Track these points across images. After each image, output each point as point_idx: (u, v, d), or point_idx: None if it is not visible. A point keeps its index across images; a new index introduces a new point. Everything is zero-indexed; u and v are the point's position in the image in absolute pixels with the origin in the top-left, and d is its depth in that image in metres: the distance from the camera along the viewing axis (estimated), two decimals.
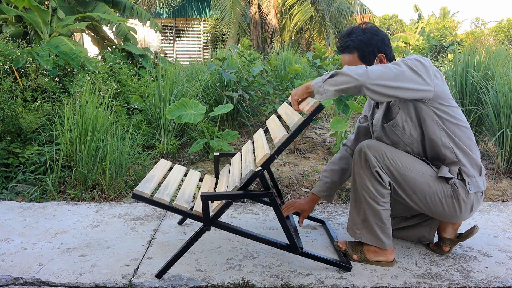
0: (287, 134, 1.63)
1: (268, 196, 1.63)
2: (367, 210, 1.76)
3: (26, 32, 6.84)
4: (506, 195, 2.80)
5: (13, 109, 3.11)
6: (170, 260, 1.70)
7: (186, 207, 1.69)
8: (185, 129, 3.89)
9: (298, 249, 1.71)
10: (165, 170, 1.98)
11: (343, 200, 2.78)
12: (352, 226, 1.84)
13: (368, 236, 1.80)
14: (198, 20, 16.95)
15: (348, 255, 1.86)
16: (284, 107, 2.00)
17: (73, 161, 2.81)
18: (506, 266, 1.83)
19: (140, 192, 1.63)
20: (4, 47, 3.79)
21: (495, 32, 23.81)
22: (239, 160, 2.03)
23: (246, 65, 4.09)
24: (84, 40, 12.73)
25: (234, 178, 1.79)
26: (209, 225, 1.66)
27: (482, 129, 3.43)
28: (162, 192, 1.73)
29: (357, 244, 1.88)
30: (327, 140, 3.99)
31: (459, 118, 1.71)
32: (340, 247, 1.89)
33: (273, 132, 1.83)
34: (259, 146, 1.82)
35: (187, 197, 1.80)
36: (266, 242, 1.71)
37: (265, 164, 1.64)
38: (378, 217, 1.75)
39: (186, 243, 1.70)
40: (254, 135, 2.09)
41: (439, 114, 1.66)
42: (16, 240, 2.04)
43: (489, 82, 3.36)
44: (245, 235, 1.70)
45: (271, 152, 1.63)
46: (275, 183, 2.27)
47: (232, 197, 1.64)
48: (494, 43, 12.45)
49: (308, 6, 13.51)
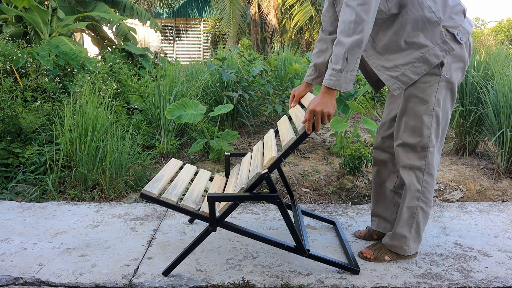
0: (295, 137, 1.61)
1: (274, 199, 1.63)
2: (420, 219, 1.78)
3: (26, 32, 6.84)
4: (506, 195, 2.80)
5: (13, 109, 3.11)
6: (176, 259, 1.72)
7: (193, 208, 1.70)
8: (185, 129, 3.89)
9: (305, 252, 1.71)
10: (175, 170, 1.98)
11: (343, 200, 2.78)
12: (400, 244, 1.83)
13: (415, 245, 1.83)
14: (198, 20, 16.94)
15: (380, 260, 1.85)
16: (295, 109, 2.01)
17: (73, 161, 2.81)
18: (506, 266, 1.83)
19: (148, 192, 1.64)
20: (4, 47, 3.79)
21: (495, 32, 23.83)
22: (249, 160, 2.03)
23: (246, 65, 4.09)
24: (84, 40, 12.73)
25: (241, 179, 1.80)
26: (215, 226, 1.67)
27: (482, 129, 3.44)
28: (170, 192, 1.74)
29: (381, 245, 1.89)
30: (327, 140, 3.99)
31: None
32: (369, 257, 1.87)
33: (282, 134, 1.83)
34: (268, 148, 1.83)
35: (195, 197, 1.81)
36: (272, 244, 1.70)
37: (272, 167, 1.64)
38: (426, 219, 1.80)
39: (193, 243, 1.71)
40: (265, 135, 2.09)
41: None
42: (16, 240, 2.04)
43: (489, 82, 3.36)
44: (252, 236, 1.70)
45: (279, 155, 1.64)
46: (285, 182, 2.24)
47: (238, 199, 1.64)
48: (494, 43, 12.45)
49: (308, 6, 13.51)
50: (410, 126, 1.70)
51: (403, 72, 1.64)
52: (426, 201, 1.75)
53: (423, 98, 1.65)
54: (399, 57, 1.64)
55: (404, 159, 1.74)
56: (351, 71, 1.50)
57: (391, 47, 1.65)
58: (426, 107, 1.65)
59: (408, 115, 1.70)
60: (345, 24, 1.48)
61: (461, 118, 3.48)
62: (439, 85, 1.63)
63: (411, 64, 1.62)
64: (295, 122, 1.81)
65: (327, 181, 2.96)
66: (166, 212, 2.44)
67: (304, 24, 14.01)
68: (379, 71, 1.71)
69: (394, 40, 1.64)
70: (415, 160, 1.72)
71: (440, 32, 1.59)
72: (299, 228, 1.84)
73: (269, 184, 1.66)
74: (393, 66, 1.66)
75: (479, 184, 2.91)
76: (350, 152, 2.95)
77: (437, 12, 1.58)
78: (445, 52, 1.60)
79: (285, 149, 1.62)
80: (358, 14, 1.45)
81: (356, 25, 1.46)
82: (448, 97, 1.68)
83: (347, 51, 1.47)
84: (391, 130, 1.88)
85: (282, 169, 2.29)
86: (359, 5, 1.45)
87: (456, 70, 1.65)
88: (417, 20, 1.59)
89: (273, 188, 1.66)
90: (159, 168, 3.23)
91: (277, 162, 1.63)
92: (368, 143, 3.84)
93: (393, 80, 1.67)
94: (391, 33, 1.63)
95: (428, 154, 1.70)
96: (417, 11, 1.58)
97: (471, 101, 3.41)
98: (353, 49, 1.47)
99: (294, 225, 1.69)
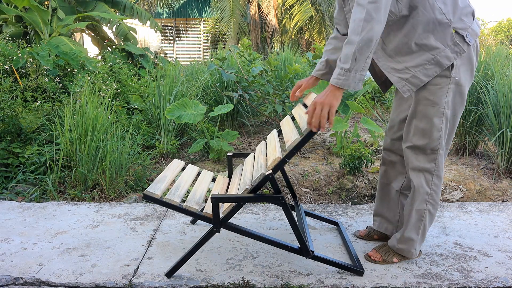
0: (299, 138, 1.61)
1: (278, 200, 1.62)
2: (427, 221, 1.78)
3: (26, 32, 6.85)
4: (506, 195, 2.80)
5: (13, 109, 3.11)
6: (180, 260, 1.71)
7: (197, 209, 1.69)
8: (185, 129, 3.89)
9: (309, 253, 1.69)
10: (177, 171, 1.98)
11: (343, 200, 2.78)
12: (408, 248, 1.82)
13: (419, 247, 1.84)
14: (198, 20, 16.94)
15: (388, 262, 1.85)
16: (298, 108, 1.99)
17: (73, 161, 2.81)
18: (506, 266, 1.83)
19: (151, 193, 1.64)
20: (4, 47, 3.79)
21: (495, 32, 23.84)
22: (252, 161, 2.02)
23: (246, 65, 4.09)
24: (84, 40, 12.73)
25: (245, 180, 1.79)
26: (218, 227, 1.66)
27: (482, 129, 3.44)
28: (173, 193, 1.73)
29: (388, 248, 1.89)
30: (327, 140, 3.99)
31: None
32: (377, 260, 1.86)
33: (286, 134, 1.82)
34: (272, 148, 1.82)
35: (198, 198, 1.80)
36: (277, 245, 1.69)
37: (276, 168, 1.63)
38: (432, 221, 1.81)
39: (196, 244, 1.71)
40: (268, 135, 2.08)
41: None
42: (16, 240, 2.04)
43: (489, 82, 3.36)
44: (256, 237, 1.69)
45: (283, 155, 1.63)
46: (288, 183, 2.23)
47: (242, 200, 1.63)
48: (494, 43, 12.45)
49: (308, 6, 13.51)
50: (420, 129, 1.69)
51: (413, 74, 1.63)
52: (434, 204, 1.75)
53: (433, 100, 1.64)
54: (410, 59, 1.63)
55: (414, 161, 1.73)
56: (360, 70, 1.49)
57: (402, 49, 1.65)
58: (436, 109, 1.65)
59: (418, 117, 1.69)
60: (355, 22, 1.47)
61: (461, 118, 3.48)
62: (449, 87, 1.63)
63: (422, 66, 1.62)
64: (299, 123, 1.80)
65: (327, 181, 2.96)
66: (166, 212, 2.44)
67: (304, 24, 14.00)
68: (389, 73, 1.70)
69: (404, 42, 1.63)
70: (425, 162, 1.71)
71: (451, 34, 1.58)
72: (303, 229, 1.84)
73: (273, 185, 1.64)
74: (404, 68, 1.65)
75: (479, 184, 2.91)
76: (350, 152, 2.95)
77: (448, 14, 1.58)
78: (456, 54, 1.59)
79: (289, 149, 1.61)
80: (368, 12, 1.44)
81: (365, 23, 1.45)
82: (457, 99, 1.68)
83: (356, 50, 1.46)
84: (400, 132, 1.87)
85: (285, 169, 2.28)
86: (369, 3, 1.45)
87: (464, 72, 1.64)
88: (428, 22, 1.58)
89: (277, 189, 1.66)
90: (159, 168, 3.23)
91: (282, 163, 1.62)
92: (368, 143, 3.84)
93: (403, 82, 1.66)
94: (402, 35, 1.63)
95: (438, 156, 1.70)
96: (428, 12, 1.57)
97: (471, 101, 3.41)
98: (362, 48, 1.46)
99: (298, 226, 1.68)
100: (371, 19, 1.45)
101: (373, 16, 1.45)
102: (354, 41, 1.47)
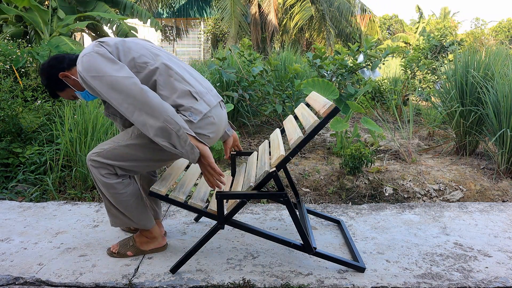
0: (302, 136, 1.62)
1: (282, 197, 1.65)
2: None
3: (26, 31, 6.85)
4: (506, 195, 2.80)
5: (13, 109, 3.11)
6: (185, 256, 1.74)
7: (201, 206, 1.73)
8: None
9: (312, 250, 1.72)
10: (181, 169, 2.01)
11: (343, 200, 2.78)
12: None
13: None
14: (198, 20, 16.94)
15: (122, 254, 1.87)
16: (301, 108, 2.01)
17: (73, 161, 2.81)
18: (506, 266, 1.83)
19: (157, 190, 1.67)
20: (4, 47, 3.79)
21: (495, 32, 23.84)
22: (256, 159, 2.04)
23: (246, 65, 4.08)
24: (84, 39, 12.73)
25: (249, 177, 1.81)
26: (223, 224, 1.69)
27: (482, 129, 3.44)
28: (178, 190, 1.76)
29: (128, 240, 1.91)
30: (327, 140, 3.99)
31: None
32: (112, 251, 1.88)
33: (289, 133, 1.85)
34: (275, 147, 1.85)
35: (202, 195, 1.83)
36: (279, 242, 1.72)
37: (279, 165, 1.65)
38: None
39: (201, 240, 1.74)
40: (271, 134, 2.11)
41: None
42: (16, 240, 2.04)
43: (489, 82, 3.35)
44: (259, 234, 1.71)
45: (286, 153, 1.65)
46: (291, 182, 2.25)
47: (246, 197, 1.66)
48: (494, 43, 12.45)
49: (308, 6, 13.50)
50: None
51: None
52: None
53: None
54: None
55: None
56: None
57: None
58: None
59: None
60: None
61: (461, 118, 3.48)
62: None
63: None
64: (302, 122, 1.82)
65: (327, 181, 2.96)
66: (166, 212, 2.44)
67: (305, 24, 14.00)
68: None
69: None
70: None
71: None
72: (305, 226, 1.86)
73: (277, 182, 1.67)
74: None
75: (479, 184, 2.91)
76: (350, 152, 2.95)
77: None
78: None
79: (293, 147, 1.63)
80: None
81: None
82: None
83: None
84: None
85: (287, 168, 2.30)
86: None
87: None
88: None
89: (281, 186, 1.67)
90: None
91: (285, 160, 1.64)
92: (368, 143, 3.84)
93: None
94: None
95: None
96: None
97: (471, 101, 3.41)
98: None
99: (301, 223, 1.70)
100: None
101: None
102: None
